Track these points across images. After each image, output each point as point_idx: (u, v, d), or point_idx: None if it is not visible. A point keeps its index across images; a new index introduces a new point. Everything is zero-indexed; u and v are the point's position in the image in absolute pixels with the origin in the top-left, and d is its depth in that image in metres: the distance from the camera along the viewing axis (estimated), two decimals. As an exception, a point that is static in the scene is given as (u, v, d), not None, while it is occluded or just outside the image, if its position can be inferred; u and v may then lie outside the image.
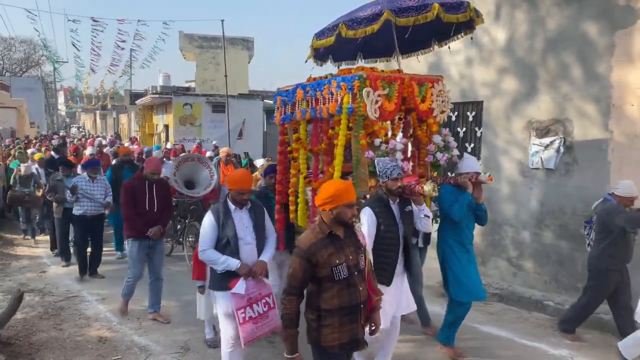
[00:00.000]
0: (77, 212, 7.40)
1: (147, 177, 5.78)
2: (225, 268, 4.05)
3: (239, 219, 4.15)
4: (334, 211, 3.08)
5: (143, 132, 26.95)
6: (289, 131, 5.22)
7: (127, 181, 5.94)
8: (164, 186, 6.11)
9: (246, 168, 11.94)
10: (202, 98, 21.29)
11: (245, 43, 25.78)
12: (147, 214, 5.75)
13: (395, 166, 4.12)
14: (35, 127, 36.61)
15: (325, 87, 4.60)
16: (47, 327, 5.73)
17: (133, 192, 5.75)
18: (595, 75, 6.08)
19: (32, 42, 46.31)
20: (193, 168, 8.46)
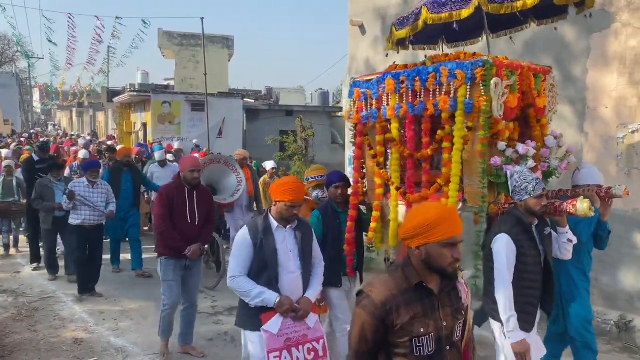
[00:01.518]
0: (74, 222, 6.52)
1: (187, 180, 4.77)
2: (259, 302, 3.26)
3: (282, 240, 3.36)
4: (425, 250, 2.07)
5: (121, 130, 26.59)
6: (370, 132, 4.21)
7: (164, 188, 4.97)
8: (206, 194, 5.06)
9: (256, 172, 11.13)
10: (182, 96, 21.10)
11: (225, 41, 25.61)
12: (187, 228, 4.77)
13: (538, 180, 3.31)
14: (10, 124, 35.84)
15: (430, 76, 3.65)
16: (20, 328, 5.62)
17: (170, 202, 4.75)
18: (571, 78, 6.19)
19: (7, 37, 45.29)
20: (218, 172, 7.40)
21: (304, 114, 20.67)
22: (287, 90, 36.28)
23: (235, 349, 5.15)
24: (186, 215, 4.77)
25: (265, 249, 3.28)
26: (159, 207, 4.74)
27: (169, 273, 4.79)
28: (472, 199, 3.60)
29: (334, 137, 24.66)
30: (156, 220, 4.83)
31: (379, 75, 4.08)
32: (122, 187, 7.61)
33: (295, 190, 3.31)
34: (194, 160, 4.99)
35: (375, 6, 8.62)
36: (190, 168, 4.77)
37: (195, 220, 4.80)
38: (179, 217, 4.75)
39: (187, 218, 4.77)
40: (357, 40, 9.02)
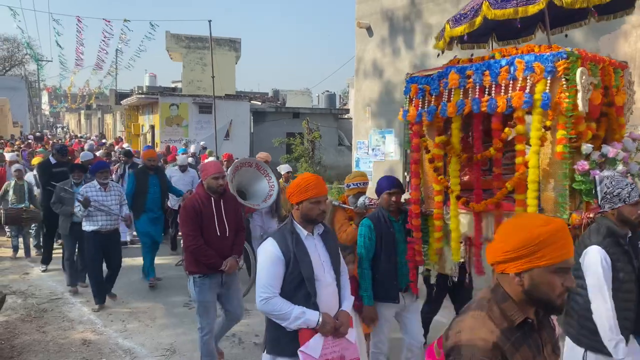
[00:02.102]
0: (90, 229, 6.13)
1: (212, 189, 4.35)
2: (300, 325, 2.83)
3: (314, 249, 2.97)
4: (529, 278, 1.62)
5: (129, 133, 26.74)
6: (428, 132, 3.84)
7: (188, 202, 4.42)
8: (233, 200, 4.69)
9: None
10: (189, 99, 21.20)
11: (233, 44, 25.71)
12: (218, 241, 4.35)
13: (633, 186, 2.94)
14: (19, 126, 36.13)
15: (502, 70, 3.26)
16: (30, 329, 5.65)
17: (198, 215, 4.30)
18: (579, 80, 6.16)
19: (16, 40, 45.71)
20: (249, 176, 6.83)
21: (311, 116, 20.70)
22: (293, 92, 36.35)
23: (243, 350, 5.16)
24: (215, 227, 4.34)
25: (300, 262, 2.86)
26: (188, 224, 4.29)
27: (205, 293, 4.34)
28: (550, 207, 3.20)
29: (340, 139, 24.66)
30: (186, 237, 4.36)
31: (440, 70, 3.71)
32: (149, 191, 7.17)
33: (316, 184, 2.95)
34: (217, 166, 4.47)
35: (382, 8, 8.63)
36: (214, 175, 4.32)
37: (225, 231, 4.39)
38: (209, 231, 4.32)
39: (216, 230, 4.35)
40: (364, 42, 9.02)
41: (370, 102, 8.95)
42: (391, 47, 8.49)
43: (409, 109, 3.88)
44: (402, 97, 8.30)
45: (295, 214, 3.00)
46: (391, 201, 3.94)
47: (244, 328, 5.73)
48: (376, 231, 3.88)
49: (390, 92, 8.56)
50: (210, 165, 4.51)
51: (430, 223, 3.91)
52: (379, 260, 3.86)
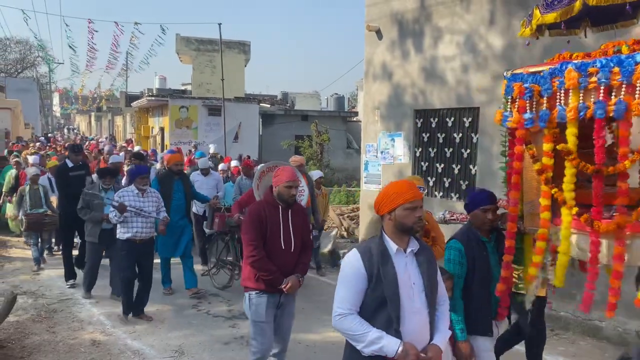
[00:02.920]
0: (124, 236, 5.80)
1: (283, 198, 3.89)
2: (375, 351, 2.48)
3: (403, 269, 2.56)
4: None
5: (138, 135, 26.91)
6: (535, 139, 3.24)
7: (254, 208, 4.03)
8: (303, 213, 4.19)
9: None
10: (199, 101, 21.30)
11: (242, 46, 25.81)
12: (281, 256, 3.90)
13: None
14: (30, 128, 36.47)
15: (638, 67, 2.72)
16: (40, 330, 5.69)
17: (263, 224, 3.86)
18: (590, 83, 6.11)
19: (28, 42, 46.18)
20: None
21: (320, 119, 20.72)
22: (302, 95, 36.45)
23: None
24: (280, 239, 3.89)
25: (385, 280, 2.48)
26: (251, 232, 3.86)
27: (261, 312, 3.90)
28: None
29: (349, 142, 24.66)
30: (247, 247, 3.89)
31: (552, 66, 3.15)
32: (174, 198, 6.87)
33: (409, 187, 2.58)
34: (291, 172, 3.95)
35: (392, 11, 8.63)
36: (287, 182, 3.86)
37: (291, 245, 3.92)
38: (273, 243, 3.87)
39: (281, 243, 3.89)
40: (373, 45, 9.02)
41: (380, 105, 8.94)
42: (401, 50, 8.48)
43: (511, 112, 3.26)
44: (411, 100, 8.33)
45: (387, 225, 2.61)
46: (487, 219, 3.41)
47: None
48: (467, 255, 3.39)
49: (400, 95, 8.55)
50: (284, 171, 3.96)
51: (527, 243, 3.37)
52: (471, 288, 3.38)
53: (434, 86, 7.98)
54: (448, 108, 7.85)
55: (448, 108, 7.85)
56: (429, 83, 8.06)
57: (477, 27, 7.32)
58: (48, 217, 7.91)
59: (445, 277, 3.08)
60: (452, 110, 7.80)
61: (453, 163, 7.86)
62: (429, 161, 8.23)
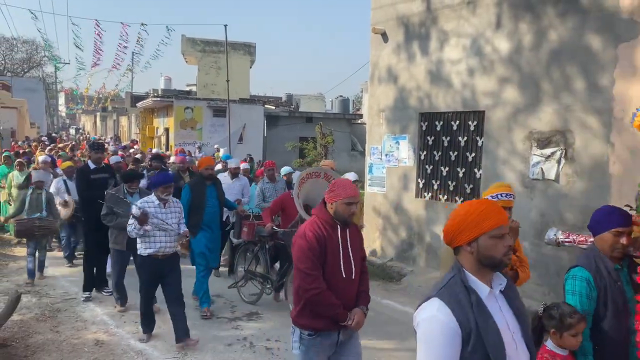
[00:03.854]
0: (145, 252, 5.15)
1: (341, 216, 3.23)
2: None
3: (500, 316, 1.93)
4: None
5: (143, 135, 26.99)
6: None
7: (309, 229, 3.22)
8: (359, 233, 3.52)
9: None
10: (204, 102, 21.38)
11: (247, 48, 25.88)
12: (344, 286, 3.23)
13: None
14: (36, 127, 36.64)
15: None
16: (43, 329, 5.70)
17: (322, 249, 3.17)
18: (597, 88, 6.10)
19: (35, 42, 46.46)
20: (318, 188, 5.75)
21: (324, 121, 20.72)
22: (307, 97, 36.41)
23: (254, 354, 5.16)
24: (340, 266, 3.21)
25: (486, 337, 1.83)
26: (309, 259, 3.13)
27: (313, 356, 3.25)
28: None
29: (353, 144, 24.67)
30: (305, 278, 3.14)
31: None
32: (207, 205, 6.29)
33: (493, 210, 1.98)
34: (352, 188, 3.27)
35: (398, 14, 8.62)
36: (349, 198, 3.20)
37: (352, 272, 3.26)
38: (333, 271, 3.20)
39: (341, 270, 3.21)
40: (379, 48, 9.02)
41: (385, 108, 8.94)
42: (406, 53, 8.48)
43: None
44: (416, 103, 8.33)
45: (466, 260, 1.98)
46: (619, 244, 2.80)
47: (255, 332, 5.74)
48: (598, 286, 2.78)
49: (405, 98, 8.55)
50: (344, 185, 3.26)
51: None
52: (603, 327, 2.76)
53: (440, 89, 7.97)
54: (453, 111, 7.84)
55: (453, 111, 7.84)
56: (434, 86, 8.06)
57: (483, 30, 7.32)
58: (40, 222, 7.26)
59: (576, 319, 2.63)
60: (458, 113, 7.79)
61: (458, 166, 7.84)
62: (433, 164, 8.22)
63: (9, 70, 47.42)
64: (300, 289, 3.19)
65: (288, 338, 5.57)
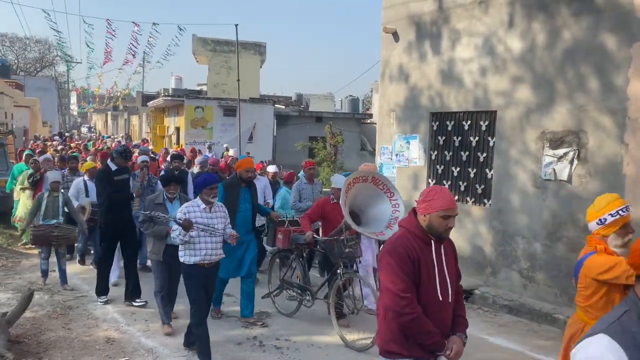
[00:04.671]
0: (191, 260, 4.74)
1: (437, 230, 2.81)
2: None
3: None
4: None
5: (154, 134, 27.14)
6: None
7: (399, 244, 2.81)
8: (453, 249, 3.04)
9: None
10: (214, 102, 21.46)
11: (258, 48, 25.92)
12: (439, 309, 2.83)
13: None
14: (48, 126, 37.00)
15: None
16: (55, 326, 5.75)
17: (415, 267, 2.76)
18: (612, 87, 6.03)
19: (47, 42, 46.89)
20: (366, 194, 5.25)
21: (334, 120, 20.72)
22: (317, 96, 36.42)
23: (264, 353, 5.16)
24: (436, 287, 2.81)
25: None
26: (401, 279, 2.72)
27: None
28: None
29: (363, 144, 24.62)
30: (397, 301, 2.72)
31: None
32: (240, 209, 5.92)
33: None
34: (449, 198, 2.81)
35: (409, 13, 8.59)
36: (446, 211, 2.77)
37: (448, 295, 2.86)
38: (427, 292, 2.80)
39: (437, 292, 2.81)
40: (390, 47, 8.99)
41: (395, 108, 8.90)
42: (418, 52, 8.44)
43: None
44: (427, 103, 8.29)
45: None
46: None
47: (264, 331, 5.74)
48: None
49: (416, 98, 8.51)
50: (441, 194, 2.81)
51: None
52: None
53: (451, 89, 7.92)
54: (465, 111, 7.79)
55: (465, 111, 7.79)
56: (445, 86, 8.01)
57: (495, 29, 7.26)
58: (58, 230, 6.88)
59: None
60: (469, 113, 7.74)
61: (469, 167, 7.79)
62: (444, 164, 8.17)
63: (22, 70, 47.90)
64: (392, 314, 2.76)
65: (297, 337, 5.62)
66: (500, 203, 7.27)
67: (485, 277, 7.42)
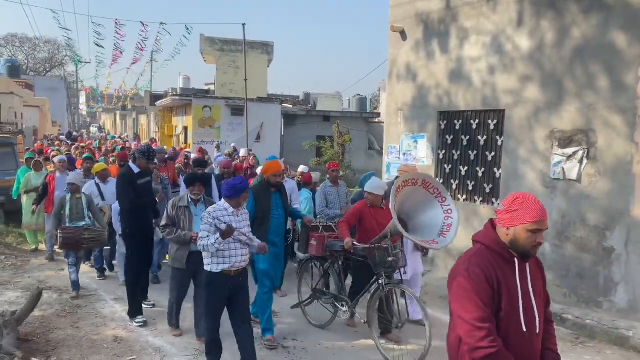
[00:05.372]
0: (218, 268, 4.41)
1: (523, 248, 2.37)
2: None
3: None
4: None
5: (162, 133, 27.24)
6: None
7: (476, 261, 2.38)
8: (540, 268, 2.60)
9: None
10: (222, 101, 21.50)
11: (265, 47, 25.95)
12: (524, 343, 2.37)
13: None
14: (57, 126, 37.27)
15: None
16: (64, 325, 5.78)
17: (494, 290, 2.34)
18: (622, 86, 5.97)
19: (56, 42, 47.26)
20: (415, 199, 4.87)
21: (341, 120, 20.71)
22: (324, 95, 36.41)
23: (271, 352, 5.16)
24: (520, 316, 2.36)
25: None
26: (476, 303, 2.29)
27: None
28: None
29: (370, 143, 24.58)
30: (468, 330, 2.30)
31: None
32: (273, 215, 5.47)
33: None
34: (541, 208, 2.36)
35: (416, 12, 8.55)
36: (537, 223, 2.33)
37: (535, 325, 2.40)
38: (509, 322, 2.35)
39: (521, 323, 2.36)
40: (397, 46, 8.96)
41: (403, 106, 8.87)
42: (425, 51, 8.41)
43: None
44: (435, 102, 8.25)
45: None
46: None
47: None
48: None
49: (424, 96, 8.47)
50: (530, 203, 2.36)
51: None
52: None
53: (459, 87, 7.88)
54: (473, 110, 7.75)
55: (473, 110, 7.75)
56: (453, 84, 7.97)
57: (504, 28, 7.21)
58: (89, 232, 6.54)
59: None
60: (477, 112, 7.69)
61: (477, 166, 7.75)
62: (452, 164, 8.13)
63: (32, 70, 48.31)
64: (466, 348, 2.34)
65: (305, 337, 5.61)
66: (508, 202, 7.22)
67: (494, 277, 7.38)
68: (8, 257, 8.79)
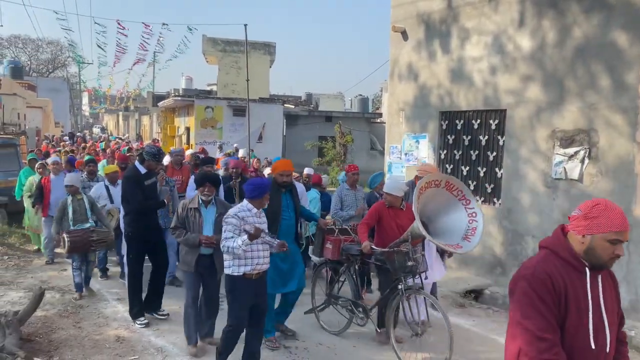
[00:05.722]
0: (240, 271, 4.29)
1: (598, 260, 2.17)
2: None
3: None
4: None
5: (164, 134, 27.28)
6: None
7: (542, 267, 2.18)
8: (613, 281, 2.36)
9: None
10: (224, 102, 21.53)
11: (267, 47, 25.96)
12: (588, 357, 2.18)
13: None
14: (60, 126, 37.36)
15: None
16: (66, 325, 5.79)
17: (560, 301, 2.15)
18: (623, 85, 5.97)
19: (59, 43, 47.39)
20: (438, 201, 4.78)
21: (343, 120, 20.72)
22: (326, 96, 36.45)
23: (272, 352, 5.17)
24: (589, 331, 2.16)
25: None
26: (540, 312, 2.12)
27: None
28: None
29: (372, 143, 24.57)
30: (530, 341, 2.12)
31: None
32: (284, 217, 5.27)
33: None
34: (624, 216, 2.15)
35: (418, 12, 8.56)
36: (617, 233, 2.11)
37: (605, 342, 2.20)
38: (576, 336, 2.16)
39: (590, 339, 2.16)
40: (399, 46, 8.97)
41: (405, 106, 8.88)
42: (427, 51, 8.41)
43: None
44: (436, 102, 8.25)
45: None
46: None
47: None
48: None
49: (425, 96, 8.47)
50: (609, 210, 2.14)
51: None
52: None
53: (460, 87, 7.88)
54: (474, 110, 7.75)
55: (474, 110, 7.75)
56: (455, 84, 7.97)
57: (505, 28, 7.21)
58: (96, 234, 6.41)
59: None
60: (479, 112, 7.69)
61: (479, 166, 7.75)
62: (454, 163, 8.13)
63: (35, 71, 48.45)
64: (525, 358, 2.14)
65: (306, 337, 5.61)
66: (510, 202, 7.22)
67: (495, 276, 7.38)
68: (11, 257, 8.81)
